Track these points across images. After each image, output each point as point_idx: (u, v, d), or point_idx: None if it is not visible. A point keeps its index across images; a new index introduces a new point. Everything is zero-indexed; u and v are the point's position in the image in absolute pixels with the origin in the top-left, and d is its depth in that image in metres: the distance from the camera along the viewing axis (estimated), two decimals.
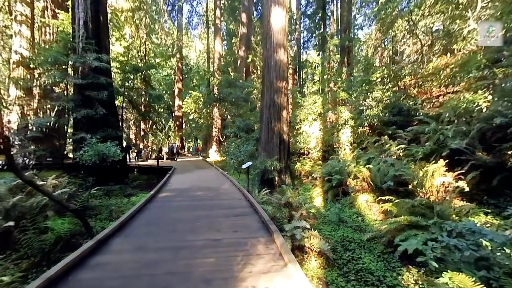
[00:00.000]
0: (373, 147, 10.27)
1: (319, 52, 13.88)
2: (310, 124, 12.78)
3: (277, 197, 5.96)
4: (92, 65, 8.50)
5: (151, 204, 5.73)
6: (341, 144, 11.71)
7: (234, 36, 25.95)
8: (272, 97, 9.52)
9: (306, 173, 11.43)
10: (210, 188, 7.66)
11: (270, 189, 8.77)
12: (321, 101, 13.15)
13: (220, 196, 6.60)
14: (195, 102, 18.65)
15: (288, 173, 9.54)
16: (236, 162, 11.39)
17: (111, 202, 7.69)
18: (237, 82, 16.18)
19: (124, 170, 10.24)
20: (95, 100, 8.60)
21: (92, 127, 8.56)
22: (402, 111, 11.43)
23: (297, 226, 4.15)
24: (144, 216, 4.78)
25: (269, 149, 9.41)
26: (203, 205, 5.59)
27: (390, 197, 5.44)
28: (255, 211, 5.06)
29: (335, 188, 8.35)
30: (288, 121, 10.00)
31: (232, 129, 13.22)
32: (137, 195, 8.77)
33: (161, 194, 6.81)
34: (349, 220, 6.23)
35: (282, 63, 9.64)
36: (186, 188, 7.67)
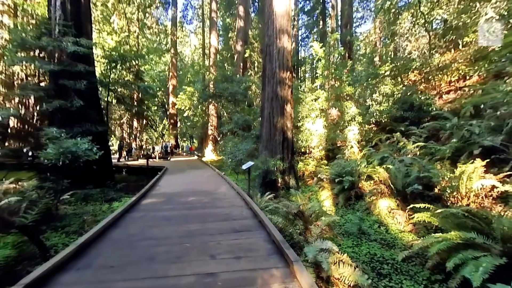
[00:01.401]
0: (385, 145, 9.25)
1: (322, 44, 12.73)
2: (314, 121, 11.71)
3: (286, 204, 4.86)
4: (68, 50, 7.24)
5: (130, 214, 4.55)
6: (347, 142, 10.66)
7: (230, 30, 24.74)
8: (274, 89, 8.40)
9: (310, 173, 10.36)
10: (204, 192, 6.50)
11: (273, 192, 7.68)
12: (325, 96, 12.08)
13: (217, 202, 5.45)
14: (189, 98, 17.41)
15: (293, 174, 8.45)
16: (234, 161, 10.25)
17: (87, 209, 6.49)
18: (234, 76, 15.00)
19: (107, 171, 8.99)
20: (71, 91, 7.35)
21: (67, 121, 7.32)
22: (413, 106, 10.46)
23: (321, 248, 3.04)
24: (116, 233, 3.61)
25: (271, 148, 8.30)
26: (196, 216, 4.44)
27: (426, 204, 4.37)
28: (260, 224, 3.94)
29: (347, 191, 7.29)
30: (292, 116, 8.91)
31: (230, 126, 12.05)
32: (120, 199, 7.56)
33: (145, 201, 5.62)
34: (371, 231, 5.16)
35: (286, 51, 8.53)
36: (177, 193, 6.50)
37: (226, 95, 13.94)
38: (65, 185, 6.61)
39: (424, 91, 12.23)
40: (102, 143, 8.90)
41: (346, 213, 6.54)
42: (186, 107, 18.29)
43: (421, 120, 10.14)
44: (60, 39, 7.63)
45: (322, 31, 23.61)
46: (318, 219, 4.63)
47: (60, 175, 7.11)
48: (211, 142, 21.16)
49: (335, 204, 7.40)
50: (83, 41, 7.77)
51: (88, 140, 5.35)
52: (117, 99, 10.36)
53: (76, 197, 7.13)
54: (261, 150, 8.65)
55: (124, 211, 4.61)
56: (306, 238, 3.72)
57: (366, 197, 7.00)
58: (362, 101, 11.97)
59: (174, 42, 26.37)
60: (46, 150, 5.17)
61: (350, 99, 12.46)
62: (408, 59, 11.47)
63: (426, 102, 10.20)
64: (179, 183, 7.96)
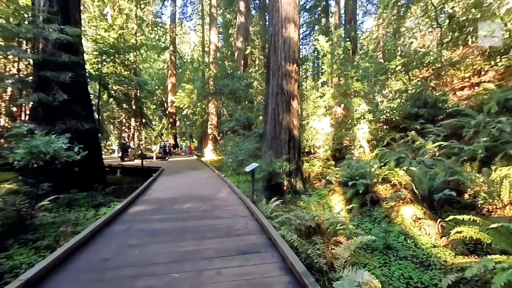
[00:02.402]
0: (399, 145, 8.44)
1: (328, 38, 11.92)
2: (319, 119, 10.89)
3: (298, 214, 4.03)
4: (50, 37, 6.40)
5: (111, 227, 3.72)
6: (356, 141, 9.85)
7: (231, 26, 23.89)
8: (279, 83, 7.58)
9: (317, 175, 9.55)
10: (202, 198, 5.67)
11: (278, 197, 6.86)
12: (331, 93, 11.26)
13: (217, 211, 4.63)
14: (188, 96, 16.56)
15: (299, 176, 7.63)
16: (235, 162, 9.44)
17: (70, 216, 5.66)
18: (234, 73, 14.16)
19: (97, 172, 8.15)
20: (54, 83, 6.51)
21: (49, 117, 6.48)
22: (427, 103, 9.65)
23: (355, 281, 2.22)
24: (86, 257, 2.79)
25: (276, 147, 7.48)
26: (191, 230, 3.62)
27: (470, 216, 3.55)
28: (271, 242, 3.14)
29: (361, 196, 6.48)
30: (299, 113, 8.09)
31: (230, 124, 11.21)
32: (109, 204, 6.73)
33: (133, 208, 4.79)
34: (397, 245, 4.34)
35: (292, 42, 7.71)
36: (171, 198, 5.67)
37: (226, 92, 13.10)
38: (46, 189, 5.79)
39: (435, 87, 11.45)
40: (91, 142, 8.09)
41: (362, 221, 5.73)
42: (185, 105, 17.43)
43: (435, 118, 9.35)
44: (43, 26, 6.79)
45: (325, 28, 22.80)
46: (339, 234, 3.82)
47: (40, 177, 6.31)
48: (211, 141, 20.31)
49: (347, 210, 6.59)
50: (69, 29, 6.92)
51: (66, 138, 4.51)
52: (108, 94, 9.50)
53: (58, 203, 6.32)
54: (264, 150, 7.83)
55: (105, 223, 3.78)
56: (329, 262, 2.91)
57: (383, 203, 6.20)
58: (370, 97, 11.14)
59: (173, 39, 25.49)
60: (16, 150, 4.34)
61: (357, 96, 11.66)
62: (421, 53, 10.62)
63: (441, 99, 9.39)
64: (175, 186, 7.14)
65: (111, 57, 8.89)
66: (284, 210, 5.78)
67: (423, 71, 12.01)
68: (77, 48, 8.27)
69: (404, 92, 9.49)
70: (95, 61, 9.05)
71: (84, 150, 5.86)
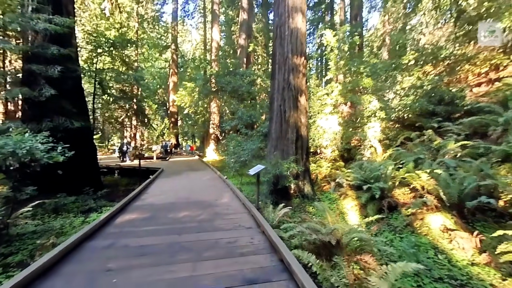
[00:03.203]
0: (415, 145, 7.74)
1: (335, 33, 11.23)
2: (327, 117, 10.21)
3: (312, 226, 3.39)
4: (37, 28, 5.81)
5: (91, 243, 3.10)
6: (367, 141, 9.16)
7: (233, 24, 23.25)
8: (286, 78, 6.93)
9: (325, 177, 8.88)
10: (202, 204, 5.04)
11: (285, 202, 6.21)
12: (339, 90, 10.58)
13: (217, 221, 3.99)
14: (189, 94, 15.94)
15: (308, 179, 6.97)
16: (237, 163, 8.81)
17: (55, 224, 5.06)
18: (237, 70, 13.52)
19: (89, 174, 7.56)
20: (40, 78, 5.92)
21: (35, 114, 5.89)
22: (442, 100, 8.95)
23: None
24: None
25: (282, 147, 6.83)
26: (186, 247, 2.99)
27: None
28: (283, 265, 2.49)
29: (377, 201, 5.81)
30: (307, 110, 7.44)
31: (233, 122, 10.56)
32: (101, 209, 6.12)
33: (122, 217, 4.17)
34: (429, 261, 3.67)
35: (300, 33, 7.05)
36: (167, 204, 5.04)
37: (228, 89, 12.47)
38: (30, 193, 5.21)
39: (449, 84, 10.73)
40: (84, 141, 7.51)
41: (380, 230, 5.06)
42: (186, 104, 16.82)
43: (451, 116, 8.65)
44: (30, 16, 6.20)
45: (329, 25, 22.07)
46: (363, 251, 3.17)
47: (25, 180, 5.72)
48: (213, 141, 19.71)
49: (361, 216, 5.93)
50: (58, 19, 6.33)
51: (45, 137, 3.90)
52: (103, 91, 8.89)
53: (45, 208, 5.73)
54: (269, 150, 7.19)
55: (85, 237, 3.16)
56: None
57: (402, 209, 5.54)
58: (380, 94, 10.44)
59: (174, 38, 24.89)
60: None
61: (366, 93, 10.97)
62: (435, 47, 9.89)
63: (458, 95, 8.68)
64: (173, 190, 6.52)
65: (107, 51, 8.28)
66: (293, 219, 5.14)
67: (435, 67, 11.29)
68: (69, 41, 7.69)
69: (419, 88, 8.77)
70: (90, 56, 8.46)
71: (75, 150, 5.29)
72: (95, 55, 8.15)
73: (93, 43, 8.02)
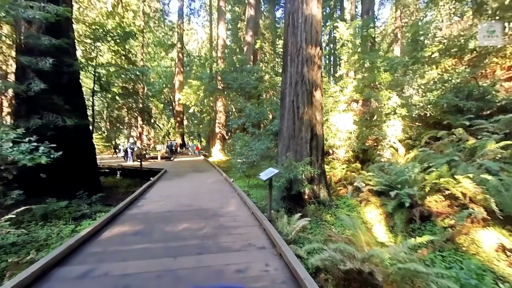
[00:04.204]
0: (445, 144, 6.84)
1: (349, 25, 10.39)
2: (341, 115, 9.38)
3: (342, 248, 2.63)
4: (25, 16, 5.21)
5: (63, 270, 2.42)
6: (386, 140, 8.30)
7: (240, 20, 22.54)
8: (299, 70, 6.16)
9: (339, 180, 8.08)
10: (205, 213, 4.33)
11: (300, 210, 5.46)
12: (354, 86, 9.74)
13: (222, 237, 3.26)
14: (194, 92, 15.32)
15: (324, 183, 6.18)
16: (244, 164, 8.08)
17: (40, 234, 4.44)
18: (244, 66, 12.79)
19: (86, 176, 6.96)
20: (29, 71, 5.32)
21: (24, 110, 5.30)
22: (471, 95, 8.01)
23: None
24: None
25: (295, 148, 6.07)
26: (181, 278, 2.28)
27: None
28: None
29: (407, 210, 5.01)
30: (322, 106, 6.65)
31: (240, 120, 9.83)
32: (95, 215, 5.49)
33: (111, 230, 3.49)
34: None
35: (315, 20, 6.27)
36: (165, 213, 4.35)
37: (235, 87, 11.76)
38: (16, 198, 4.62)
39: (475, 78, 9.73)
40: (80, 141, 6.91)
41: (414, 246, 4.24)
42: (192, 103, 16.22)
43: (481, 113, 7.71)
44: (20, 3, 5.61)
45: (340, 20, 21.10)
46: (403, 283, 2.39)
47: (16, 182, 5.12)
48: (219, 140, 19.06)
49: (388, 227, 5.12)
50: (51, 7, 5.72)
51: (19, 134, 3.25)
52: (101, 87, 8.29)
53: (33, 215, 5.13)
54: (280, 151, 6.43)
55: (56, 260, 2.48)
56: None
57: (437, 220, 4.73)
58: (398, 90, 9.54)
59: (180, 36, 24.35)
60: None
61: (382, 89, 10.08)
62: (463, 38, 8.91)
63: (490, 90, 7.73)
64: (174, 194, 5.83)
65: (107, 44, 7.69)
66: (312, 231, 4.38)
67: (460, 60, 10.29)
68: (66, 33, 7.12)
69: (446, 81, 7.85)
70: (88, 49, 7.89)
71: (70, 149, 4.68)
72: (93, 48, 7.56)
73: (92, 36, 7.41)
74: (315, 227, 4.88)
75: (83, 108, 7.41)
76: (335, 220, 5.33)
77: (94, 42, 7.56)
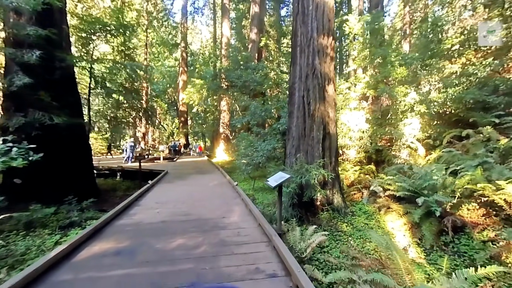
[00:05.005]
0: (474, 144, 6.10)
1: (360, 18, 9.68)
2: (352, 113, 8.67)
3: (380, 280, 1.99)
4: (8, 3, 4.68)
5: None
6: (403, 140, 7.57)
7: (244, 18, 21.94)
8: (310, 62, 5.50)
9: (352, 183, 7.38)
10: (204, 224, 3.71)
11: (311, 217, 4.82)
12: (366, 82, 9.03)
13: (223, 259, 2.63)
14: (198, 91, 14.77)
15: (338, 188, 5.51)
16: (249, 166, 7.46)
17: (19, 246, 3.89)
18: (248, 64, 12.17)
19: (78, 179, 6.42)
20: (13, 64, 4.80)
21: (9, 107, 4.78)
22: (496, 90, 7.24)
23: None
24: None
25: (306, 148, 5.41)
26: None
27: None
28: None
29: (436, 220, 4.32)
30: (336, 102, 5.99)
31: (245, 118, 9.20)
32: (86, 222, 4.93)
33: (91, 247, 2.90)
34: None
35: (327, 7, 5.61)
36: (158, 224, 3.74)
37: (239, 84, 11.15)
38: None
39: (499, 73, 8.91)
40: (72, 141, 6.37)
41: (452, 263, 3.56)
42: (195, 102, 15.66)
43: (507, 109, 6.93)
44: None
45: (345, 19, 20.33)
46: None
47: None
48: (223, 141, 18.49)
49: (415, 239, 4.42)
50: None
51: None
52: (95, 81, 7.74)
53: (17, 223, 4.59)
54: (289, 152, 5.78)
55: None
56: None
57: (473, 232, 4.04)
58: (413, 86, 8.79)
59: (184, 35, 23.87)
60: None
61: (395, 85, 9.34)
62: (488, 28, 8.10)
63: None
64: (172, 200, 5.23)
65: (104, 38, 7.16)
66: (329, 246, 3.73)
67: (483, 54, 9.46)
68: (59, 26, 6.60)
69: (471, 75, 7.08)
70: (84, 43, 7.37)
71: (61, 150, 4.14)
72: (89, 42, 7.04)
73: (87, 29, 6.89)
74: (331, 239, 4.23)
75: (78, 106, 6.89)
76: (353, 230, 4.67)
77: (88, 35, 7.03)
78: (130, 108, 11.48)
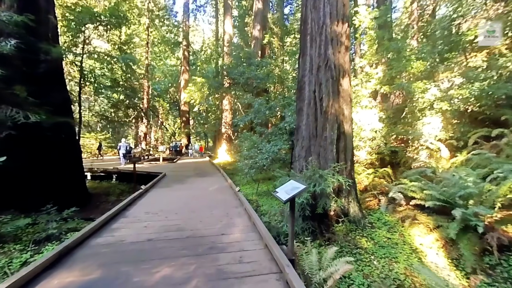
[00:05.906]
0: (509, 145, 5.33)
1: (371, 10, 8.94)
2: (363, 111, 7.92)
3: None
4: None
5: None
6: (421, 141, 6.81)
7: (247, 15, 21.24)
8: (323, 52, 4.78)
9: (366, 189, 6.64)
10: (198, 245, 3.00)
11: (325, 231, 4.11)
12: (379, 78, 8.27)
13: None
14: (199, 90, 14.10)
15: (354, 195, 4.78)
16: (253, 169, 6.75)
17: None
18: (252, 60, 11.47)
19: (66, 184, 5.77)
20: None
21: None
22: None
23: None
24: None
25: (317, 150, 4.69)
26: None
27: None
28: None
29: (477, 237, 3.59)
30: (351, 98, 5.26)
31: (248, 116, 8.50)
32: (66, 235, 4.26)
33: (49, 280, 2.21)
34: None
35: None
36: (144, 243, 3.05)
37: (242, 81, 10.46)
38: None
39: None
40: (58, 142, 5.73)
41: None
42: (196, 101, 15.01)
43: None
44: None
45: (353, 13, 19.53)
46: None
47: None
48: (225, 141, 17.82)
49: (452, 259, 3.69)
50: None
51: None
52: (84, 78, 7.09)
53: None
54: (298, 154, 5.06)
55: None
56: None
57: None
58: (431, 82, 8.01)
59: (186, 33, 23.23)
60: None
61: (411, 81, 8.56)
62: None
63: None
64: (164, 210, 4.54)
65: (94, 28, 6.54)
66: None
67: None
68: (44, 15, 5.97)
69: (500, 68, 6.28)
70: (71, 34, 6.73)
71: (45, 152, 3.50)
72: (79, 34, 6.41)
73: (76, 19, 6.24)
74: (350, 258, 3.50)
75: (65, 104, 6.24)
76: (374, 247, 3.93)
77: (77, 26, 6.39)
78: (126, 107, 10.84)
